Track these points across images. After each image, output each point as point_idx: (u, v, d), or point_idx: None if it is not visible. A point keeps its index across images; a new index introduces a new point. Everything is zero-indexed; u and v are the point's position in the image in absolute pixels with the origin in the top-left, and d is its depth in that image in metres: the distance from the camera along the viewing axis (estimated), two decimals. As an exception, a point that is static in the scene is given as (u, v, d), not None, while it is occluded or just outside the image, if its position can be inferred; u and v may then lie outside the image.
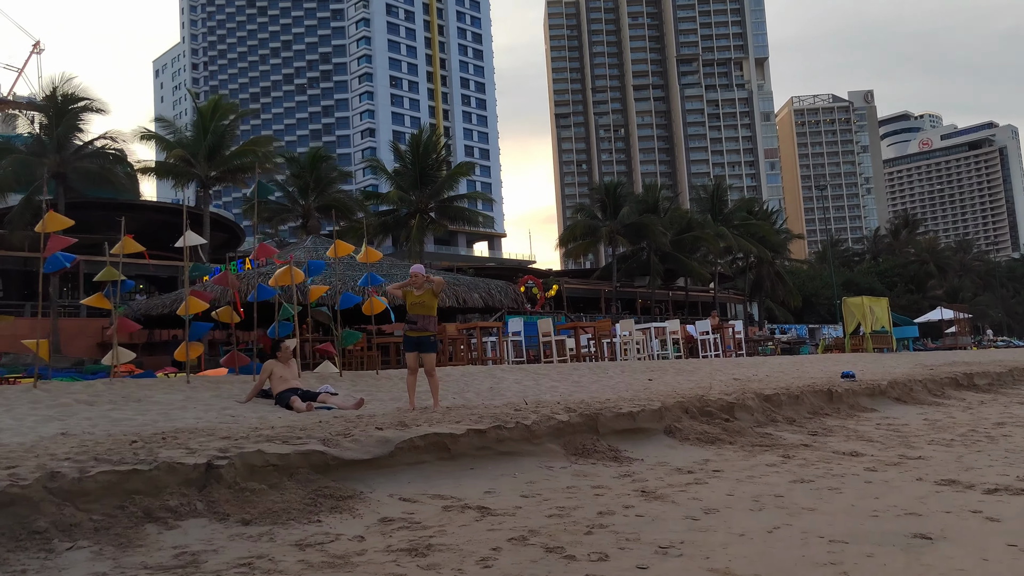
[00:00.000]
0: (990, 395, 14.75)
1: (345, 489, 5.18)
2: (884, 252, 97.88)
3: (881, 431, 9.50)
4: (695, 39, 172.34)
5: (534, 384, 11.17)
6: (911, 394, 12.89)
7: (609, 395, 10.19)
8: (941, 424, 10.26)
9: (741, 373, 14.48)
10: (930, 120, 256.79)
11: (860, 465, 7.14)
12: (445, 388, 10.29)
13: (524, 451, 6.68)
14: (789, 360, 19.08)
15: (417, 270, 8.64)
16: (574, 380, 11.82)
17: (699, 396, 9.29)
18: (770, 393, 10.20)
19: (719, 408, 9.09)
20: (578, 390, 10.71)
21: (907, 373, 15.53)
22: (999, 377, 17.09)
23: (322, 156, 37.84)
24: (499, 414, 7.24)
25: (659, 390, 10.62)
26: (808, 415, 10.31)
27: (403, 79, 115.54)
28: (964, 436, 9.18)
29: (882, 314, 26.27)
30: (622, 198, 48.74)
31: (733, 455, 7.52)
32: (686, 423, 8.45)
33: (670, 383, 12.08)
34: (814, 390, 11.08)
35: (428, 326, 8.44)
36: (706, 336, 20.08)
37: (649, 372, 13.88)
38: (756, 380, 12.99)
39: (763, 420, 9.46)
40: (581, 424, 7.39)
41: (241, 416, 7.99)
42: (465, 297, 23.44)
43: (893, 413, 11.35)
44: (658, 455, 7.34)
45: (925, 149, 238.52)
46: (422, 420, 6.84)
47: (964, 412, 11.84)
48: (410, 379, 8.45)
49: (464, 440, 6.28)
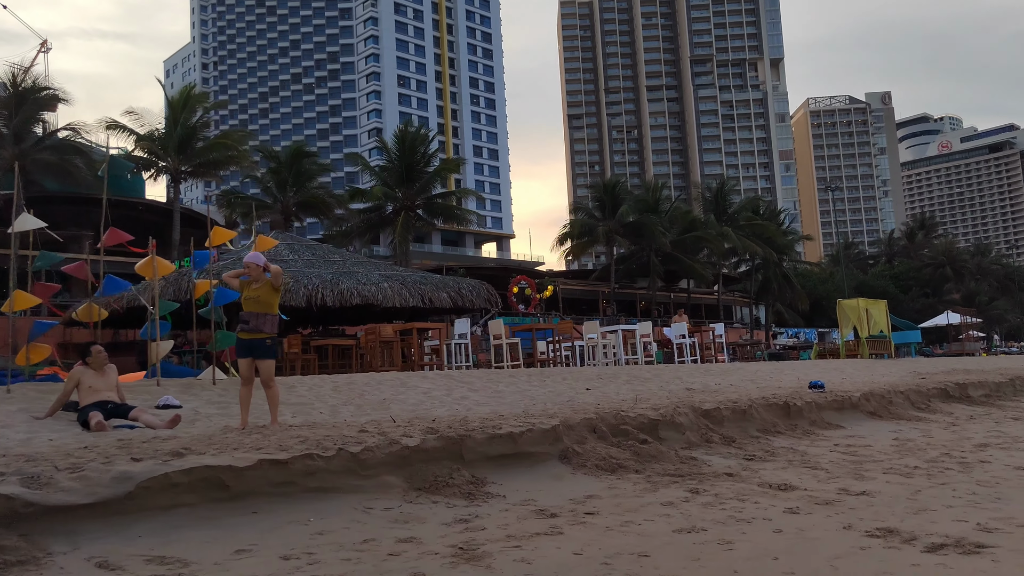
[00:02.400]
0: (984, 408, 13.21)
1: (23, 550, 3.79)
2: (899, 255, 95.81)
3: (835, 454, 8.03)
4: (709, 39, 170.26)
5: (444, 394, 9.75)
6: (889, 408, 11.39)
7: (522, 407, 8.77)
8: (912, 445, 8.77)
9: (703, 381, 13.00)
10: (950, 122, 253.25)
11: (782, 504, 5.69)
12: (332, 398, 8.90)
13: (346, 487, 5.27)
14: (770, 367, 17.58)
15: (252, 259, 7.10)
16: (495, 390, 10.39)
17: (616, 411, 7.86)
18: (710, 408, 8.75)
19: (638, 426, 7.65)
20: (490, 401, 9.29)
21: (892, 382, 14.00)
22: (998, 387, 15.51)
23: (304, 151, 36.44)
24: (333, 437, 5.83)
25: (584, 402, 9.19)
26: (756, 434, 8.85)
27: (411, 78, 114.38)
28: (933, 462, 7.70)
29: (880, 317, 24.60)
30: (621, 197, 47.16)
31: (630, 489, 6.08)
32: (590, 446, 7.02)
33: (609, 393, 10.64)
34: (768, 404, 9.62)
35: (263, 326, 6.96)
36: (683, 340, 18.57)
37: (597, 379, 12.42)
38: (714, 390, 11.52)
39: (695, 440, 8.01)
40: (439, 450, 5.97)
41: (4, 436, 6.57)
42: (432, 297, 22.03)
43: (861, 431, 9.87)
44: (531, 490, 5.91)
45: (944, 152, 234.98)
46: (221, 446, 5.43)
47: (946, 430, 10.34)
48: (243, 391, 7.02)
49: (252, 475, 4.88)
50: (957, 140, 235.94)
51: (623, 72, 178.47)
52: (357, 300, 20.47)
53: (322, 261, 22.57)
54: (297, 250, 22.96)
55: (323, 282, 20.33)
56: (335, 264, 22.53)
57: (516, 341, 15.91)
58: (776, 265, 55.05)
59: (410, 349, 16.27)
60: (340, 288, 20.35)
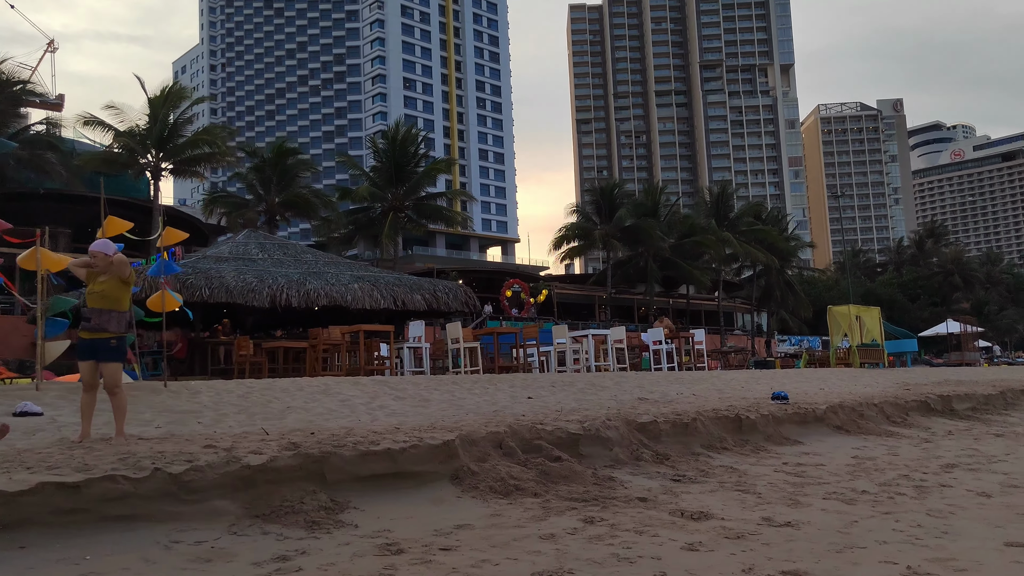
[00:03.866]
0: (967, 423, 12.31)
1: None
2: (908, 263, 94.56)
3: (779, 475, 7.19)
4: (719, 45, 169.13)
5: (364, 403, 8.93)
6: (858, 422, 10.52)
7: (443, 417, 7.97)
8: (871, 465, 7.92)
9: (664, 390, 12.15)
10: (963, 131, 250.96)
11: (685, 538, 4.87)
12: (232, 406, 8.11)
13: (160, 514, 4.47)
14: (747, 376, 16.68)
15: (99, 247, 6.18)
16: (424, 398, 9.57)
17: (533, 424, 7.04)
18: (646, 421, 7.92)
19: (555, 442, 6.84)
20: (410, 411, 8.47)
21: (870, 394, 13.12)
22: (987, 400, 14.59)
23: (288, 149, 35.53)
24: (169, 454, 5.04)
25: (512, 413, 8.37)
26: (698, 450, 8.02)
27: (417, 81, 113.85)
28: (885, 486, 6.86)
29: (873, 325, 23.60)
30: (618, 200, 46.24)
31: (516, 516, 5.26)
32: (490, 464, 6.21)
33: (551, 403, 9.81)
34: (717, 417, 8.78)
35: (108, 324, 6.09)
36: (659, 346, 17.70)
37: (549, 388, 11.60)
38: (670, 400, 10.68)
39: (623, 457, 7.19)
40: (295, 469, 5.17)
41: None
42: (404, 299, 21.26)
43: (820, 447, 9.02)
44: (396, 517, 5.10)
45: (957, 160, 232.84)
46: (18, 463, 4.64)
47: (916, 447, 9.47)
48: (85, 398, 6.17)
49: (29, 501, 4.08)
50: (970, 148, 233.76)
51: (632, 77, 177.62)
52: (324, 301, 19.71)
53: (293, 260, 21.82)
54: (267, 249, 22.23)
55: (288, 282, 19.56)
56: (306, 264, 21.78)
57: (476, 345, 15.07)
58: (778, 271, 54.09)
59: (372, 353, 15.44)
60: (307, 289, 19.58)
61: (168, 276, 11.42)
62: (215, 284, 18.48)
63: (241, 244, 22.38)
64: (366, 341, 14.77)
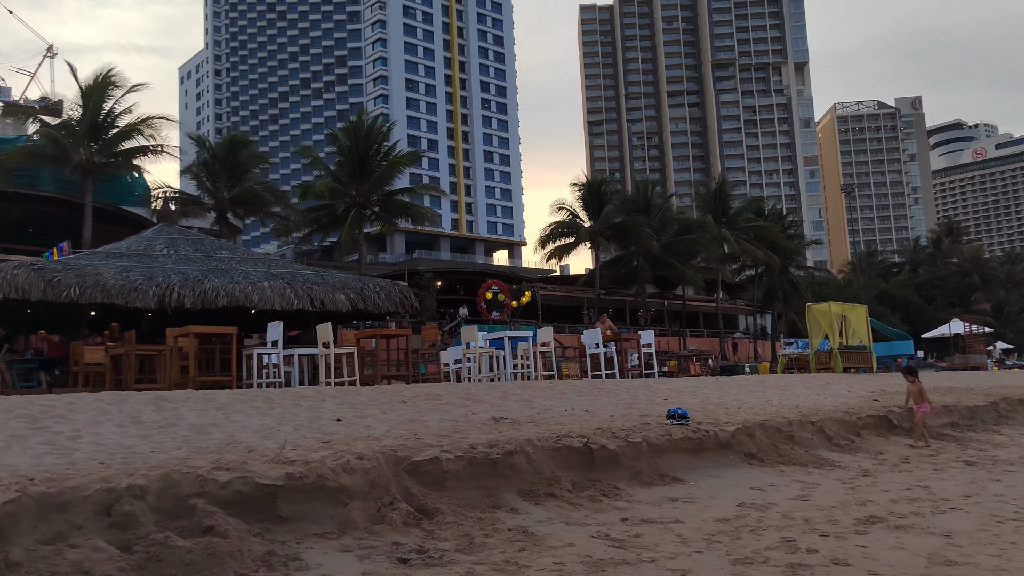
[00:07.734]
0: (938, 444, 9.78)
1: None
2: (925, 263, 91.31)
3: (591, 544, 4.74)
4: (731, 43, 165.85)
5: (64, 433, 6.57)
6: (781, 447, 8.04)
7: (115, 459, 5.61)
8: (753, 520, 5.44)
9: (548, 404, 9.67)
10: (985, 129, 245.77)
11: None
12: None
13: None
14: (691, 384, 14.16)
15: None
16: (169, 422, 7.20)
17: (196, 473, 4.65)
18: (424, 459, 5.49)
19: (234, 500, 4.45)
20: (128, 440, 6.11)
21: (825, 407, 10.56)
22: (972, 413, 12.00)
23: (240, 140, 33.10)
24: None
25: (264, 447, 5.97)
26: (506, 498, 5.59)
27: (420, 82, 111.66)
28: (743, 564, 4.40)
29: (859, 325, 20.94)
30: (606, 196, 43.61)
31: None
32: (58, 549, 3.83)
33: (357, 430, 7.39)
34: (555, 448, 6.35)
35: None
36: (597, 350, 15.23)
37: (399, 404, 9.15)
38: (535, 421, 8.21)
39: (361, 518, 4.76)
40: None
41: None
42: (324, 299, 18.92)
43: (705, 489, 6.54)
44: None
45: (979, 159, 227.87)
46: None
47: (844, 484, 6.97)
48: None
49: None
50: (992, 147, 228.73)
51: (644, 78, 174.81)
52: (224, 301, 17.40)
53: (202, 257, 19.55)
54: (176, 244, 20.00)
55: (182, 280, 17.30)
56: (215, 260, 19.50)
57: (352, 351, 12.67)
58: (781, 271, 51.25)
59: (230, 359, 12.93)
60: (204, 288, 17.30)
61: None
62: (88, 283, 16.23)
63: (145, 240, 20.12)
64: (208, 346, 12.42)
